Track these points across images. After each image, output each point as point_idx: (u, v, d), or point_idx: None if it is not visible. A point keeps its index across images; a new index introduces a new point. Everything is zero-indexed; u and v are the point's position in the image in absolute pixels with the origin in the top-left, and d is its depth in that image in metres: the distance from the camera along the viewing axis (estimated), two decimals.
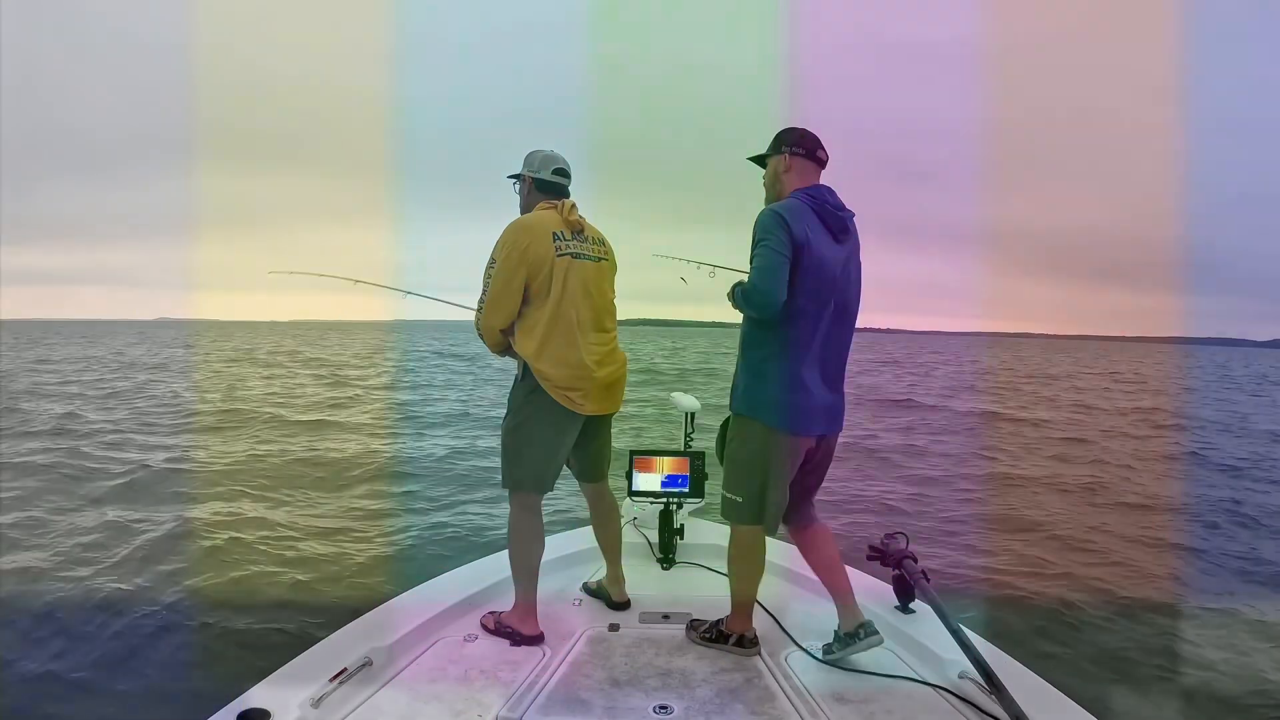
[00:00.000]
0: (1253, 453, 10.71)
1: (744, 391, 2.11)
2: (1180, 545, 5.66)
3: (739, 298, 2.00)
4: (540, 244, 2.18)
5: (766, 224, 1.95)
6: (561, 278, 2.20)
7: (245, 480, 7.08)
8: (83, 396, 14.56)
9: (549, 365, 2.19)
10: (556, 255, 2.20)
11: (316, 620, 3.78)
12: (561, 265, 2.20)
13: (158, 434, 9.96)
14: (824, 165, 2.14)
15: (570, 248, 2.24)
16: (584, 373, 2.22)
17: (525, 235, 2.19)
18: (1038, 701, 1.74)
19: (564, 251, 2.22)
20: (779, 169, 2.13)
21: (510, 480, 2.28)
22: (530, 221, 2.24)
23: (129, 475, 7.18)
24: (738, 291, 2.02)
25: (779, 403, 2.03)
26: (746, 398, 2.10)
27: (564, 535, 3.05)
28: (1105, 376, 31.22)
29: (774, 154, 2.14)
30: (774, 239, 1.91)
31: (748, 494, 2.12)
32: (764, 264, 1.90)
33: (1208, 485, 8.03)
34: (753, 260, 1.95)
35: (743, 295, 1.96)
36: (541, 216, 2.25)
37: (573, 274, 2.22)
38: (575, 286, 2.23)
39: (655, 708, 1.86)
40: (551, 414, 2.23)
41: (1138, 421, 14.20)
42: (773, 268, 1.89)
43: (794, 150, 2.10)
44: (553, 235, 2.21)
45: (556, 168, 2.34)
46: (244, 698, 1.74)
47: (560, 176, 2.34)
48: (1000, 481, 7.89)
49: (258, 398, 14.64)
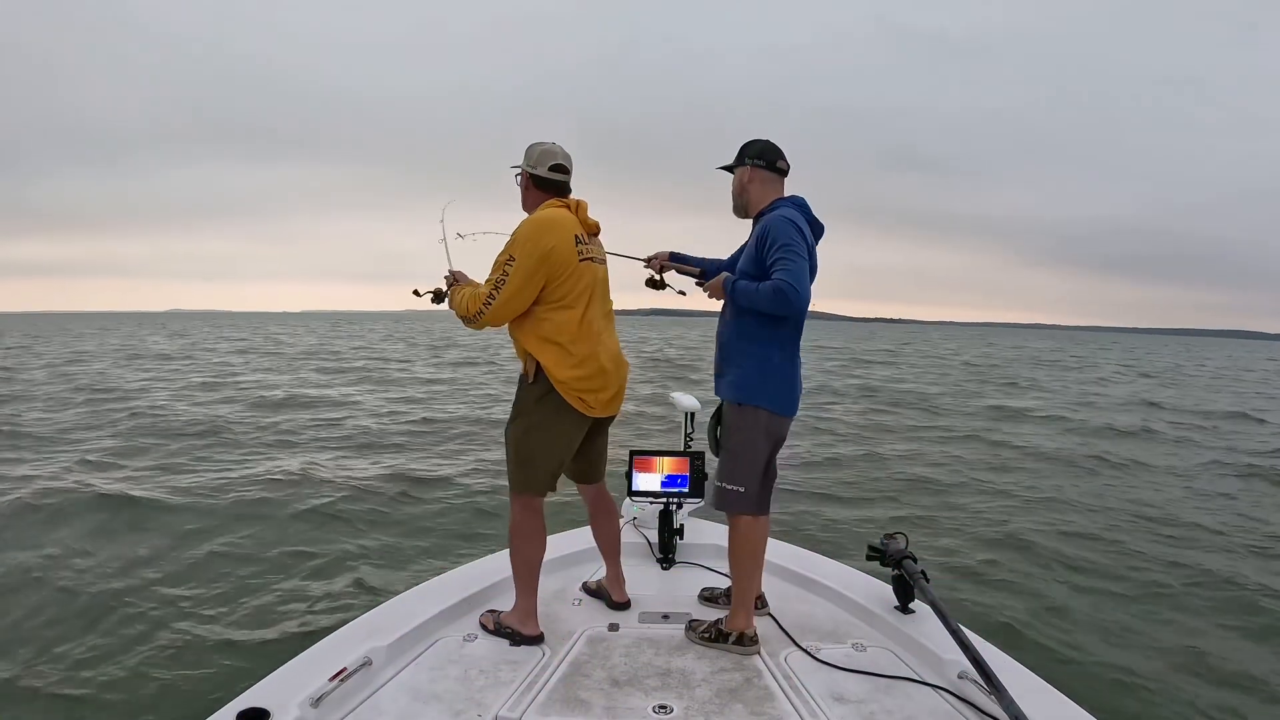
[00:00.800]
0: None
1: (745, 381, 2.17)
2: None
3: (768, 296, 2.03)
4: (565, 247, 2.14)
5: (790, 232, 2.07)
6: (583, 282, 2.19)
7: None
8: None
9: (571, 369, 2.16)
10: (580, 260, 2.17)
11: (316, 620, 3.79)
12: (584, 270, 2.19)
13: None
14: (785, 175, 2.28)
15: (589, 251, 2.23)
16: (603, 377, 2.22)
17: (550, 236, 2.13)
18: (1038, 701, 1.74)
19: (585, 256, 2.20)
20: (744, 179, 2.25)
21: (518, 483, 2.26)
22: (552, 222, 2.16)
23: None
24: (765, 290, 2.04)
25: (781, 389, 2.17)
26: (749, 387, 2.17)
27: (564, 535, 3.05)
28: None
29: (738, 165, 2.25)
30: (799, 246, 2.05)
31: (750, 483, 2.17)
32: (798, 269, 2.02)
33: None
34: (780, 264, 2.03)
35: (776, 295, 2.02)
36: (561, 217, 2.19)
37: (588, 278, 2.21)
38: (590, 291, 2.22)
39: (655, 708, 1.86)
40: (563, 417, 2.21)
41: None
42: (804, 273, 2.04)
43: (755, 162, 2.24)
44: (575, 239, 2.18)
45: (554, 164, 2.25)
46: (244, 697, 1.75)
47: (557, 173, 2.26)
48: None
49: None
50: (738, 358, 2.20)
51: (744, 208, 2.26)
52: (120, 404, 12.35)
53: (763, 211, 2.22)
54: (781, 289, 2.00)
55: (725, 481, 2.19)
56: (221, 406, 12.40)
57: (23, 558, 4.75)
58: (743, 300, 2.14)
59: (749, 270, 2.15)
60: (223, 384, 16.19)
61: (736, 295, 2.15)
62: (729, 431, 2.21)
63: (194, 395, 14.00)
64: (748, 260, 2.18)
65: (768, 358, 2.16)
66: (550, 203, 2.25)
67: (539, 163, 2.26)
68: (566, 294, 2.16)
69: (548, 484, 2.26)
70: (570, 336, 2.17)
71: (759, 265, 2.10)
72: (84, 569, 4.58)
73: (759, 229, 2.15)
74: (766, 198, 2.24)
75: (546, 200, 2.26)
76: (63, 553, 4.86)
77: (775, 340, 2.16)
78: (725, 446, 2.23)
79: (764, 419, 2.16)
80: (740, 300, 2.15)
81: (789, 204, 2.21)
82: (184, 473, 7.40)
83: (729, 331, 2.24)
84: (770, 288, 2.02)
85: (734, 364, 2.20)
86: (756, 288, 2.08)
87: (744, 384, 2.18)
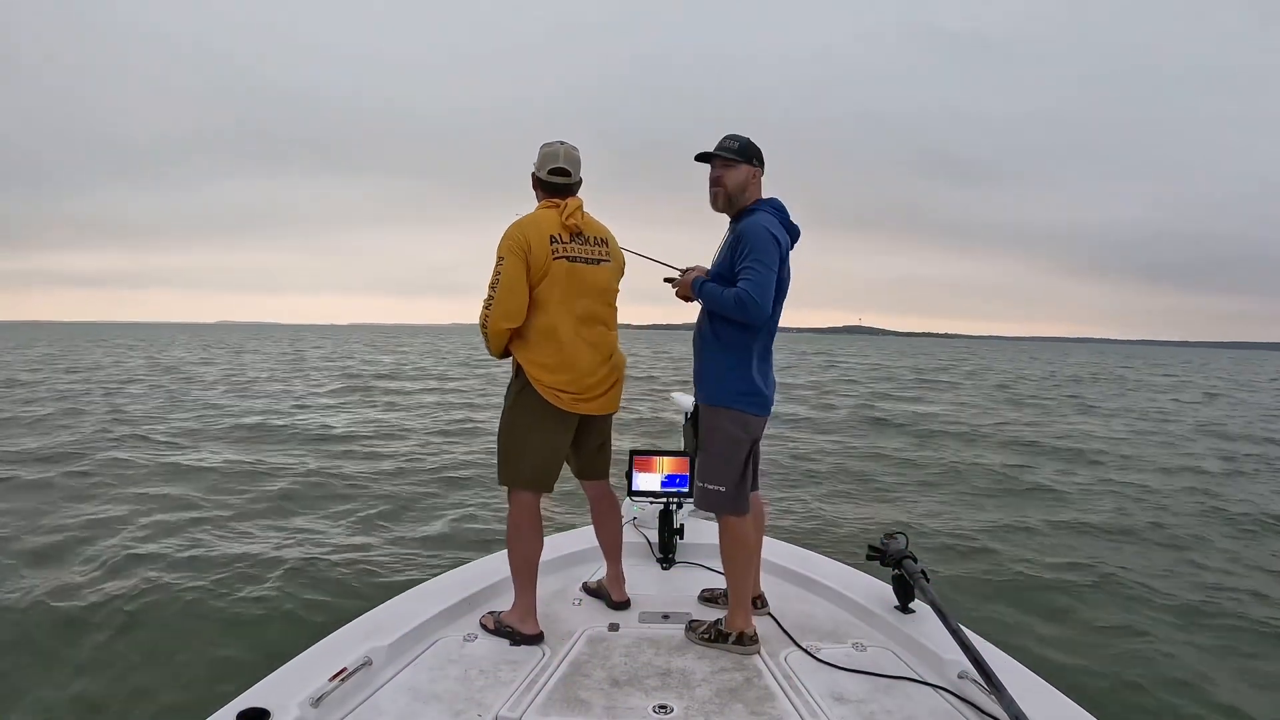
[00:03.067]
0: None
1: (718, 382, 2.20)
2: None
3: (730, 304, 2.09)
4: (538, 246, 2.18)
5: (765, 243, 2.10)
6: (556, 281, 2.20)
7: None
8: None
9: (539, 368, 2.22)
10: (552, 258, 2.19)
11: (316, 620, 3.78)
12: (557, 269, 2.20)
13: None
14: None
15: (566, 251, 2.22)
16: (575, 375, 2.24)
17: (524, 234, 2.19)
18: (1038, 701, 1.74)
19: (559, 255, 2.21)
20: (748, 179, 2.25)
21: (502, 477, 2.30)
22: (529, 221, 2.23)
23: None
24: (729, 297, 2.09)
25: (752, 389, 2.20)
26: (722, 388, 2.20)
27: (564, 535, 3.05)
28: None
29: (744, 163, 2.24)
30: (770, 258, 2.09)
31: (729, 483, 2.18)
32: (764, 281, 2.07)
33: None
34: (747, 273, 2.07)
35: (737, 304, 2.07)
36: (540, 217, 2.24)
37: (569, 278, 2.22)
38: (571, 290, 2.22)
39: (655, 707, 1.86)
40: (542, 413, 2.24)
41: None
42: (769, 285, 2.09)
43: (757, 163, 2.25)
44: (550, 238, 2.20)
45: (552, 167, 2.28)
46: (243, 697, 1.75)
47: (556, 176, 2.28)
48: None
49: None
50: (711, 358, 2.22)
51: (736, 205, 2.27)
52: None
53: (743, 210, 2.24)
54: (743, 299, 2.05)
55: (705, 481, 2.22)
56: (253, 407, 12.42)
57: (19, 558, 4.75)
58: (707, 302, 2.20)
59: (723, 271, 2.18)
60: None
61: (705, 298, 2.20)
62: (705, 432, 2.24)
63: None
64: (722, 261, 2.20)
65: (740, 359, 2.18)
66: (542, 203, 2.29)
67: (541, 165, 2.30)
68: (539, 294, 2.21)
69: (534, 480, 2.28)
70: (540, 335, 2.22)
71: (732, 268, 2.13)
72: (83, 568, 4.59)
73: (738, 231, 2.15)
74: (753, 197, 2.26)
75: (545, 201, 2.30)
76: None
77: (746, 341, 2.18)
78: (703, 447, 2.25)
79: (737, 419, 2.19)
80: (705, 302, 2.21)
81: (769, 208, 2.23)
82: (190, 470, 7.40)
83: (703, 331, 2.26)
84: (734, 295, 2.07)
85: (707, 364, 2.24)
86: (721, 292, 2.12)
87: (716, 385, 2.21)
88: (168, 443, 9.20)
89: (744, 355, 2.18)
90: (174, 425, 10.69)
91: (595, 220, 2.35)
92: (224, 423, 11.04)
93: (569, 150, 2.29)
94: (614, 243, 2.38)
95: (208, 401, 14.05)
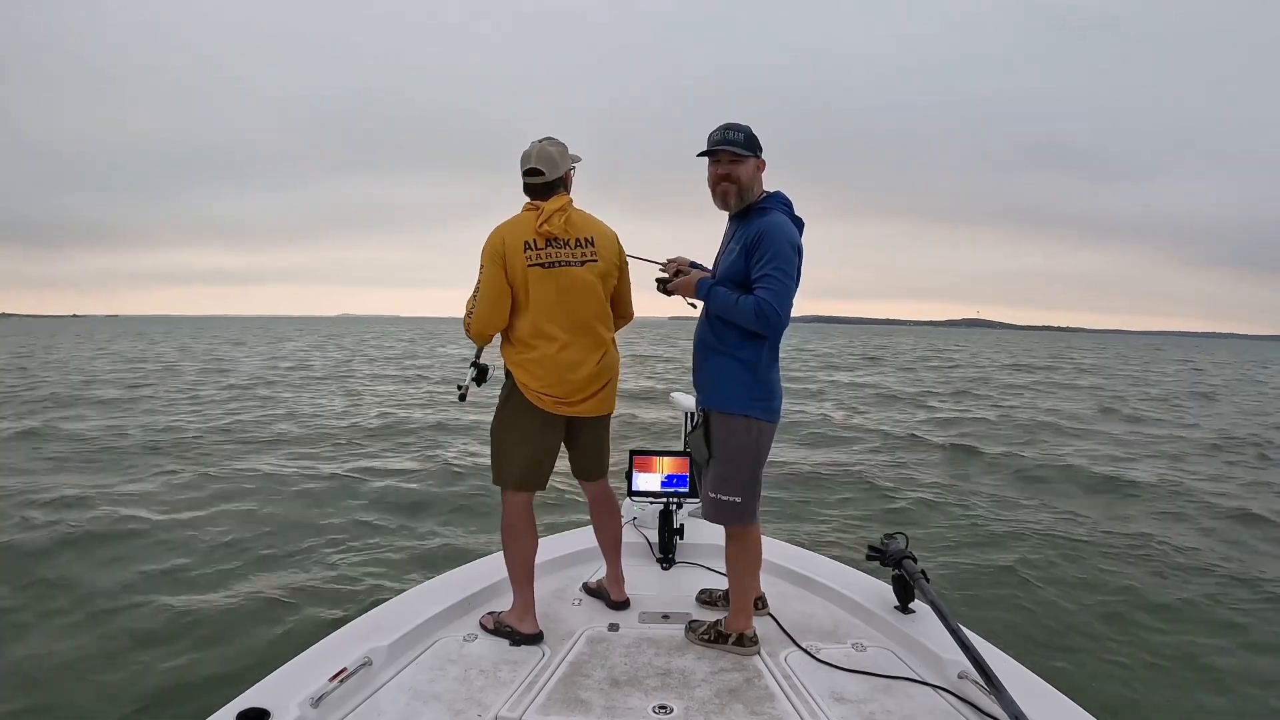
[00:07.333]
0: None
1: (734, 389, 2.09)
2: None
3: (749, 314, 1.98)
4: (512, 252, 2.15)
5: (788, 253, 2.00)
6: (535, 287, 2.16)
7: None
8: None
9: (524, 372, 2.22)
10: (527, 265, 2.15)
11: (316, 620, 3.78)
12: (533, 276, 2.16)
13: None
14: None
15: (540, 257, 2.16)
16: (559, 379, 2.21)
17: (499, 239, 2.16)
18: (1037, 701, 1.74)
19: (533, 262, 2.16)
20: (755, 171, 2.12)
21: (498, 477, 2.31)
22: (508, 228, 2.18)
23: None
24: (748, 307, 1.99)
25: (764, 395, 2.11)
26: (739, 395, 2.09)
27: (564, 535, 3.05)
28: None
29: (752, 155, 2.09)
30: (791, 267, 2.01)
31: (746, 493, 2.12)
32: (785, 292, 1.99)
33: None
34: (768, 281, 1.97)
35: (758, 315, 1.97)
36: (518, 221, 2.19)
37: (545, 283, 2.17)
38: (548, 296, 2.17)
39: (655, 708, 1.86)
40: (530, 414, 2.24)
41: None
42: (790, 296, 2.01)
43: (760, 154, 2.11)
44: (524, 245, 2.15)
45: (525, 168, 2.20)
46: (244, 697, 1.75)
47: (529, 177, 2.20)
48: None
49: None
50: (719, 364, 2.12)
51: (745, 201, 2.13)
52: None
53: (752, 206, 2.13)
54: (764, 311, 1.96)
55: (719, 493, 2.12)
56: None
57: (19, 558, 4.76)
58: (719, 309, 2.08)
59: (734, 274, 2.07)
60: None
61: (714, 302, 2.08)
62: (720, 442, 2.12)
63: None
64: (735, 264, 2.08)
65: (754, 364, 2.08)
66: (525, 206, 2.23)
67: (521, 167, 2.23)
68: (520, 300, 2.20)
69: (525, 481, 2.27)
70: (523, 340, 2.22)
71: (746, 272, 2.03)
72: (83, 568, 4.59)
73: (754, 233, 2.02)
74: (760, 192, 2.14)
75: (527, 203, 2.23)
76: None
77: (757, 346, 2.08)
78: (717, 456, 2.13)
79: (755, 427, 2.10)
80: (716, 308, 2.09)
81: (779, 205, 2.12)
82: (189, 473, 7.40)
83: (710, 335, 2.15)
84: (753, 306, 1.97)
85: (716, 370, 2.13)
86: (736, 300, 2.01)
87: (727, 392, 2.10)
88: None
89: (755, 360, 2.08)
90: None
91: (586, 217, 2.25)
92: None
93: (542, 148, 2.19)
94: (606, 239, 2.27)
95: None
